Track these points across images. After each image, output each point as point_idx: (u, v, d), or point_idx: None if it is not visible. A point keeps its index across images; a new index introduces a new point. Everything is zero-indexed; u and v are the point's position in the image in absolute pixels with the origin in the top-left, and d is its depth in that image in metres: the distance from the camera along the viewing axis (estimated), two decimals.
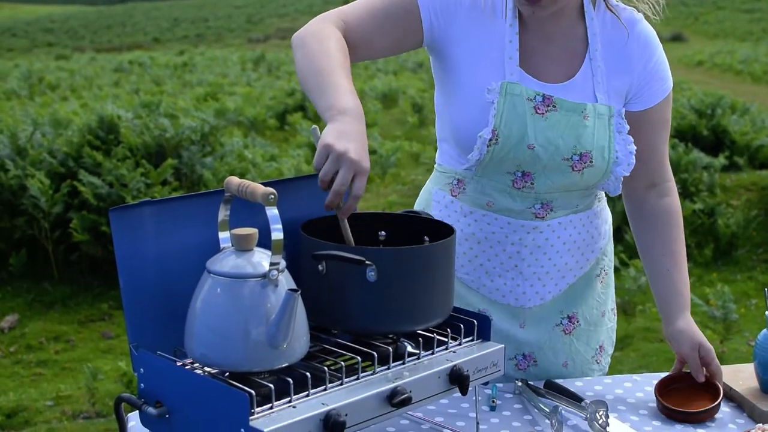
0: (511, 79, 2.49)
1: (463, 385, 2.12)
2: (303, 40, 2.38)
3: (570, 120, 2.52)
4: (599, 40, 2.58)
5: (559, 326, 2.73)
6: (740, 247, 9.10)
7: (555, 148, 2.51)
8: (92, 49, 37.63)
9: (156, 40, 44.72)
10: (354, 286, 2.06)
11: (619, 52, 2.59)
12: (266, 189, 1.91)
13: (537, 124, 2.49)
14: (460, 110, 2.54)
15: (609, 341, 2.87)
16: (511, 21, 2.52)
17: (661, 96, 2.64)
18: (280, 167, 9.33)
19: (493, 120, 2.47)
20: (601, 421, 2.33)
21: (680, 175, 9.54)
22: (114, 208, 1.97)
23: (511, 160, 2.52)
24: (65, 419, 5.82)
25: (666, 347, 6.90)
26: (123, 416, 2.09)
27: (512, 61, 2.51)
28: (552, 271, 2.68)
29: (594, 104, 2.54)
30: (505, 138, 2.48)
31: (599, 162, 2.55)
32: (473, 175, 2.60)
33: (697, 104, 12.12)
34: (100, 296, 8.01)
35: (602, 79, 2.57)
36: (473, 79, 2.52)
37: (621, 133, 2.58)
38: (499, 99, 2.47)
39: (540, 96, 2.50)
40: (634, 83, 2.61)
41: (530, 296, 2.68)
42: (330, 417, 1.86)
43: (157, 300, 2.04)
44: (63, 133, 9.33)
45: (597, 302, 2.80)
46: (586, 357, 2.78)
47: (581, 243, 2.71)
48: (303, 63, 2.34)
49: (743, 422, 2.44)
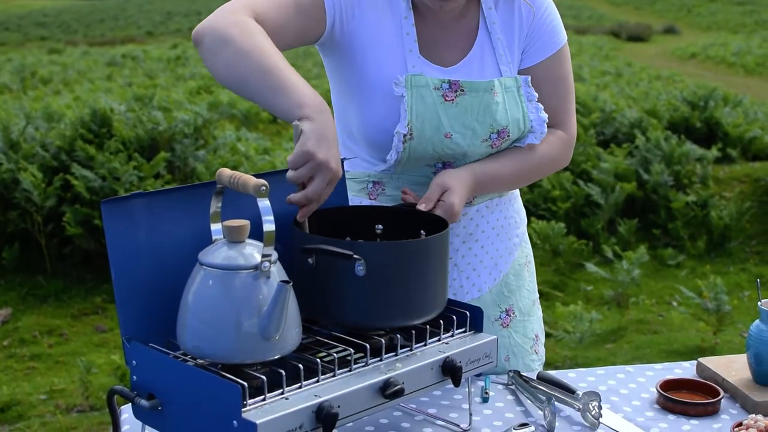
0: (414, 71, 2.49)
1: (455, 376, 2.12)
2: (225, 35, 2.26)
3: (481, 100, 2.51)
4: (496, 14, 2.59)
5: (497, 321, 2.75)
6: (733, 239, 9.11)
7: (472, 132, 2.52)
8: (85, 42, 37.49)
9: (149, 33, 44.58)
10: (343, 280, 2.06)
11: (515, 19, 2.61)
12: (258, 180, 1.90)
13: (449, 111, 2.49)
14: (370, 107, 2.51)
15: (541, 330, 2.89)
16: (405, 13, 2.52)
17: (549, 51, 2.65)
18: (272, 160, 9.31)
19: (405, 115, 2.45)
20: (594, 412, 2.33)
21: (673, 167, 9.54)
22: (106, 200, 1.97)
23: (431, 154, 2.52)
24: (59, 413, 5.81)
25: (660, 339, 6.92)
26: (116, 409, 2.09)
27: (412, 54, 2.50)
28: (485, 259, 2.70)
29: (500, 79, 2.55)
30: (419, 131, 2.47)
31: (515, 134, 2.58)
32: (392, 174, 2.58)
33: (689, 96, 12.13)
34: (93, 290, 7.99)
35: (504, 51, 2.59)
36: (378, 73, 2.50)
37: (532, 102, 2.59)
38: (406, 92, 2.46)
39: (446, 83, 2.50)
40: (522, 40, 2.62)
41: (467, 289, 2.69)
42: (323, 408, 1.86)
43: (149, 292, 2.03)
44: (55, 126, 9.30)
45: (528, 291, 2.82)
46: (525, 348, 2.80)
47: (507, 227, 2.74)
48: (237, 61, 2.23)
49: (736, 413, 2.44)
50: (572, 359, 6.55)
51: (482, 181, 2.55)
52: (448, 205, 2.41)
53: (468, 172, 2.52)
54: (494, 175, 2.58)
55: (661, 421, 2.38)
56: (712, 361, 2.65)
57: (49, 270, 8.25)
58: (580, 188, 9.20)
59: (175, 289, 1.97)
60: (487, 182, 2.58)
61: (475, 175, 2.53)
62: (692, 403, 2.42)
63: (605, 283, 7.97)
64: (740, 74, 24.43)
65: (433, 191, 2.43)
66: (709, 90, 12.38)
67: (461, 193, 2.45)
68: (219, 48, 2.27)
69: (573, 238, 8.68)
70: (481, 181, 2.54)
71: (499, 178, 2.60)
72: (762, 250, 9.04)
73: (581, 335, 6.63)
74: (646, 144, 9.88)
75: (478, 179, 2.53)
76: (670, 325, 7.28)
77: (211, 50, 2.30)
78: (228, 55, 2.25)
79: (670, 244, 9.04)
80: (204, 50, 2.32)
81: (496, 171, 2.58)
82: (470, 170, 2.53)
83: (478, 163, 2.56)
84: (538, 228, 8.57)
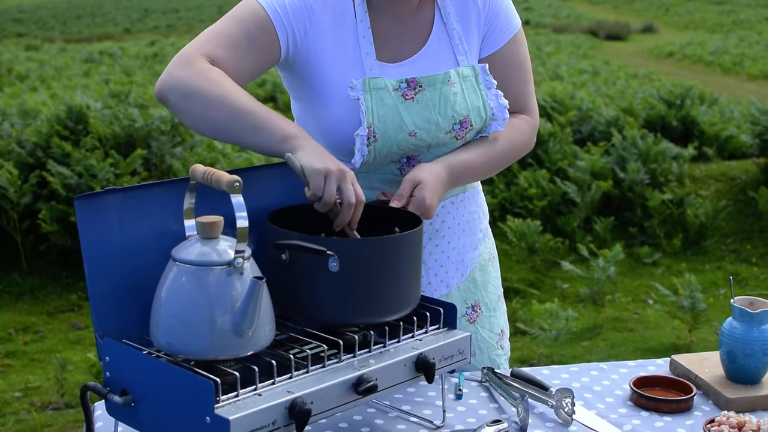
0: (371, 74, 2.50)
1: (429, 373, 2.13)
2: (188, 90, 2.29)
3: (440, 93, 2.54)
4: (450, 5, 2.61)
5: (464, 317, 2.76)
6: (709, 237, 9.14)
7: (436, 126, 2.54)
8: (62, 39, 37.34)
9: (126, 30, 44.45)
10: (317, 276, 2.07)
11: (471, 7, 2.64)
12: (231, 177, 1.91)
13: (410, 109, 2.51)
14: (329, 113, 2.52)
15: (506, 325, 2.91)
16: (361, 17, 2.53)
17: (506, 38, 2.68)
18: (250, 158, 9.29)
19: (364, 117, 2.46)
20: (567, 408, 2.34)
21: (650, 165, 9.57)
22: (79, 196, 1.97)
23: (396, 152, 2.54)
24: (34, 410, 5.80)
25: (635, 337, 6.94)
26: (89, 405, 2.09)
27: (369, 57, 2.51)
28: (452, 255, 2.72)
29: (456, 69, 2.58)
30: (382, 133, 2.48)
31: (478, 123, 2.60)
32: (357, 173, 2.58)
33: (666, 95, 12.14)
34: (69, 287, 7.97)
35: (460, 41, 2.61)
36: (336, 80, 2.50)
37: (491, 89, 2.61)
38: (365, 96, 2.47)
39: (404, 83, 2.51)
40: (482, 26, 2.64)
41: (435, 285, 2.70)
42: (296, 405, 1.87)
43: (122, 288, 2.03)
44: (32, 123, 9.27)
45: (493, 286, 2.85)
46: (491, 343, 2.82)
47: (471, 222, 2.76)
48: (208, 112, 2.27)
49: (709, 410, 2.45)
50: (548, 357, 6.57)
51: (457, 173, 2.56)
52: (419, 199, 2.42)
53: (440, 165, 2.53)
54: (467, 165, 2.59)
55: (634, 418, 2.39)
56: (685, 358, 2.66)
57: (25, 267, 8.21)
58: (557, 186, 9.21)
59: (148, 285, 1.97)
60: (462, 173, 2.59)
61: (449, 167, 2.54)
62: (665, 400, 2.44)
63: (581, 281, 7.99)
64: (717, 73, 24.53)
65: (404, 187, 2.44)
66: (685, 88, 12.40)
67: (433, 187, 2.46)
68: (185, 104, 2.31)
69: (549, 236, 8.69)
70: (455, 172, 2.56)
71: (472, 167, 2.61)
72: (737, 249, 9.08)
73: (557, 333, 6.64)
74: (622, 142, 9.90)
75: (452, 171, 2.54)
76: (646, 323, 7.30)
77: (178, 107, 2.33)
78: (197, 108, 2.29)
79: (646, 242, 9.06)
80: (171, 107, 2.35)
81: (468, 160, 2.59)
82: (443, 163, 2.54)
83: (450, 155, 2.57)
84: (514, 226, 8.58)
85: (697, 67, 26.22)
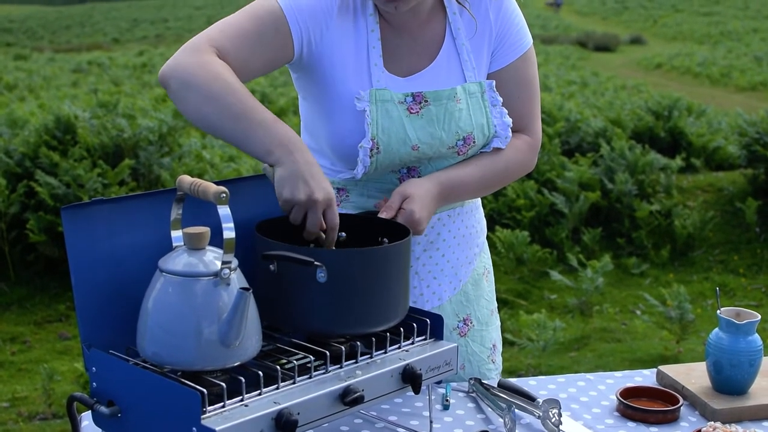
0: (378, 85, 2.50)
1: (415, 383, 2.13)
2: (190, 79, 2.29)
3: (446, 109, 2.53)
4: (460, 20, 2.60)
5: (455, 330, 2.75)
6: (697, 248, 9.16)
7: (439, 141, 2.54)
8: (51, 49, 37.33)
9: (115, 40, 44.45)
10: (304, 287, 2.07)
11: (484, 21, 2.62)
12: (218, 188, 1.91)
13: (414, 124, 2.51)
14: (336, 122, 2.52)
15: (498, 340, 2.90)
16: (372, 26, 2.53)
17: (515, 55, 2.66)
18: (238, 168, 9.29)
19: (369, 129, 2.47)
20: (554, 419, 2.34)
21: (637, 176, 9.59)
22: (66, 207, 1.97)
23: (397, 163, 2.54)
24: (21, 420, 5.78)
25: (623, 347, 6.95)
26: (76, 416, 2.08)
27: (377, 68, 2.51)
28: (446, 268, 2.71)
29: (463, 85, 2.57)
30: (385, 145, 2.49)
31: (481, 140, 2.59)
32: (356, 181, 2.59)
33: (654, 106, 12.17)
34: (57, 297, 7.95)
35: (469, 57, 2.60)
36: (345, 89, 2.50)
37: (496, 107, 2.61)
38: (371, 107, 2.47)
39: (410, 96, 2.51)
40: (492, 41, 2.63)
41: (428, 297, 2.70)
42: (282, 415, 1.87)
43: (109, 298, 2.03)
44: (20, 133, 9.26)
45: (486, 301, 2.83)
46: (482, 357, 2.81)
47: (468, 236, 2.75)
48: (205, 106, 2.27)
49: (695, 420, 2.46)
50: (536, 367, 6.57)
51: (448, 189, 2.56)
52: (408, 212, 2.42)
53: (432, 181, 2.52)
54: (460, 183, 2.58)
55: (621, 429, 2.40)
56: (671, 369, 2.67)
57: (13, 277, 8.19)
58: (545, 197, 9.22)
59: (135, 295, 1.97)
60: (453, 190, 2.58)
61: (441, 184, 2.53)
62: (652, 411, 2.44)
63: (569, 292, 8.00)
64: (705, 84, 24.60)
65: (394, 200, 2.44)
66: (673, 100, 12.43)
67: (422, 202, 2.46)
68: (185, 93, 2.30)
69: (537, 247, 8.70)
70: (446, 189, 2.55)
71: (465, 185, 2.60)
72: (725, 259, 9.10)
73: (545, 343, 6.65)
74: (610, 153, 9.91)
75: (443, 188, 2.54)
76: (634, 334, 7.31)
77: (178, 94, 2.32)
78: (196, 100, 2.28)
79: (634, 253, 9.07)
80: (171, 93, 2.34)
81: (462, 178, 2.58)
82: (434, 179, 2.53)
83: (442, 171, 2.56)
84: (502, 236, 8.59)
85: (685, 78, 26.29)
